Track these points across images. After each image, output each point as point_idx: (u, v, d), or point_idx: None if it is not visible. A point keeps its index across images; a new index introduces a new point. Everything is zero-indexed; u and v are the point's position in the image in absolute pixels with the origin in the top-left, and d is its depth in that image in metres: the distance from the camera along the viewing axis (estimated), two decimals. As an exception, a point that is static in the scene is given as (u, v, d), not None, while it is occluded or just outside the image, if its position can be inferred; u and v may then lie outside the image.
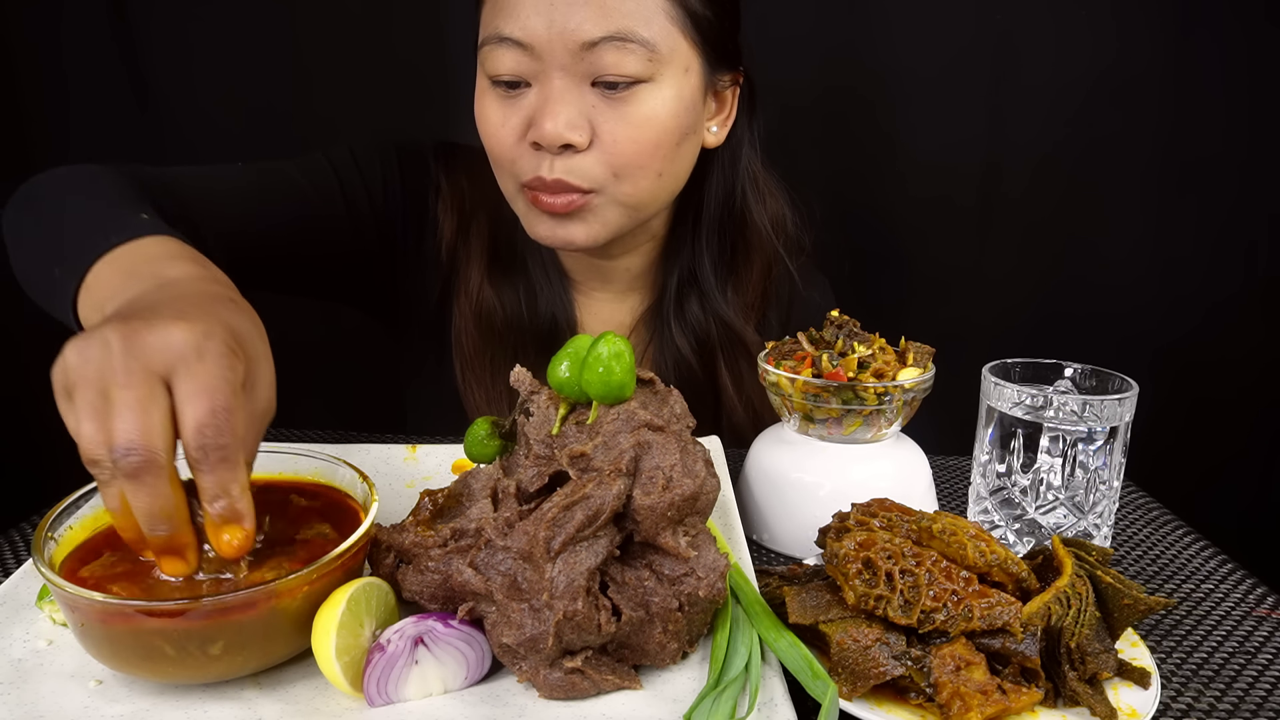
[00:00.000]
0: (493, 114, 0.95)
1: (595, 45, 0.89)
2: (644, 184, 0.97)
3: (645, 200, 0.99)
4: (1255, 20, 1.50)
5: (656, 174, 0.97)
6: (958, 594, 0.61)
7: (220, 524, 0.56)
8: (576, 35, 0.88)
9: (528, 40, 0.90)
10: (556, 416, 0.65)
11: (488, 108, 0.96)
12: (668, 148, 0.96)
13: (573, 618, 0.57)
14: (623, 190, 0.96)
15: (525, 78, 0.93)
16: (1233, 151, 1.56)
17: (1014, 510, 0.81)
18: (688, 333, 1.13)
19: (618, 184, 0.96)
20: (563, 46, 0.89)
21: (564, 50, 0.89)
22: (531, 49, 0.90)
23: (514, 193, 1.00)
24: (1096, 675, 0.61)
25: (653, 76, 0.92)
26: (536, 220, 0.99)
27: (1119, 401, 0.77)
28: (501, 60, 0.92)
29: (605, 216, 0.98)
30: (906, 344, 0.86)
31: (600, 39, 0.89)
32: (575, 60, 0.90)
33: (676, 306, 1.13)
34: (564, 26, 0.88)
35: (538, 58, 0.91)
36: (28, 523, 0.86)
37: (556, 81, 0.91)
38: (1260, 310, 1.62)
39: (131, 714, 0.56)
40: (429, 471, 0.90)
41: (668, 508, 0.60)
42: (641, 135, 0.93)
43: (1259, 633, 0.73)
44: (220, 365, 0.54)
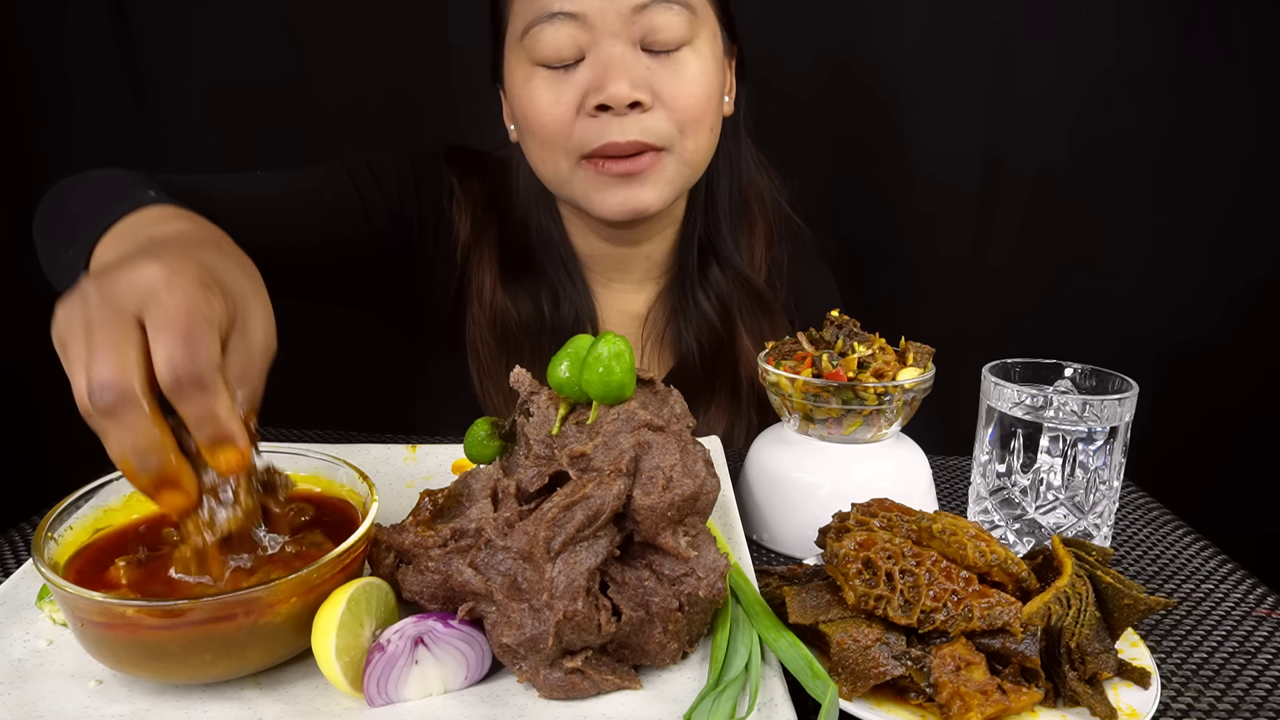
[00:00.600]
0: (544, 93, 0.98)
1: (645, 8, 0.94)
2: (704, 139, 1.03)
3: (703, 157, 1.05)
4: (1259, 22, 1.50)
5: (710, 129, 1.03)
6: (958, 594, 0.61)
7: (212, 448, 0.55)
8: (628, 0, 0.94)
9: (580, 10, 0.94)
10: (556, 416, 0.65)
11: (537, 89, 0.98)
12: (716, 102, 1.03)
13: (573, 618, 0.57)
14: (687, 147, 1.01)
15: (580, 51, 0.96)
16: (1236, 153, 1.56)
17: (1014, 510, 0.81)
18: (712, 298, 1.16)
19: (683, 140, 1.00)
20: (614, 12, 0.94)
21: (615, 16, 0.94)
22: (584, 18, 0.94)
23: (570, 170, 1.01)
24: (1096, 675, 0.61)
25: (693, 38, 0.98)
26: (604, 192, 1.01)
27: (1119, 401, 0.77)
28: (556, 36, 0.95)
29: (670, 175, 1.02)
30: (906, 344, 0.86)
31: (650, 1, 0.94)
32: (626, 25, 0.95)
33: (700, 275, 1.16)
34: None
35: (590, 28, 0.95)
36: (28, 523, 0.86)
37: (613, 48, 0.95)
38: (1263, 312, 1.62)
39: (131, 714, 0.56)
40: (429, 471, 0.90)
41: (668, 508, 0.60)
42: (697, 90, 0.99)
43: (1259, 633, 0.73)
44: (188, 297, 0.53)
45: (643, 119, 0.97)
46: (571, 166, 1.00)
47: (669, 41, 0.97)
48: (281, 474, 0.65)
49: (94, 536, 0.65)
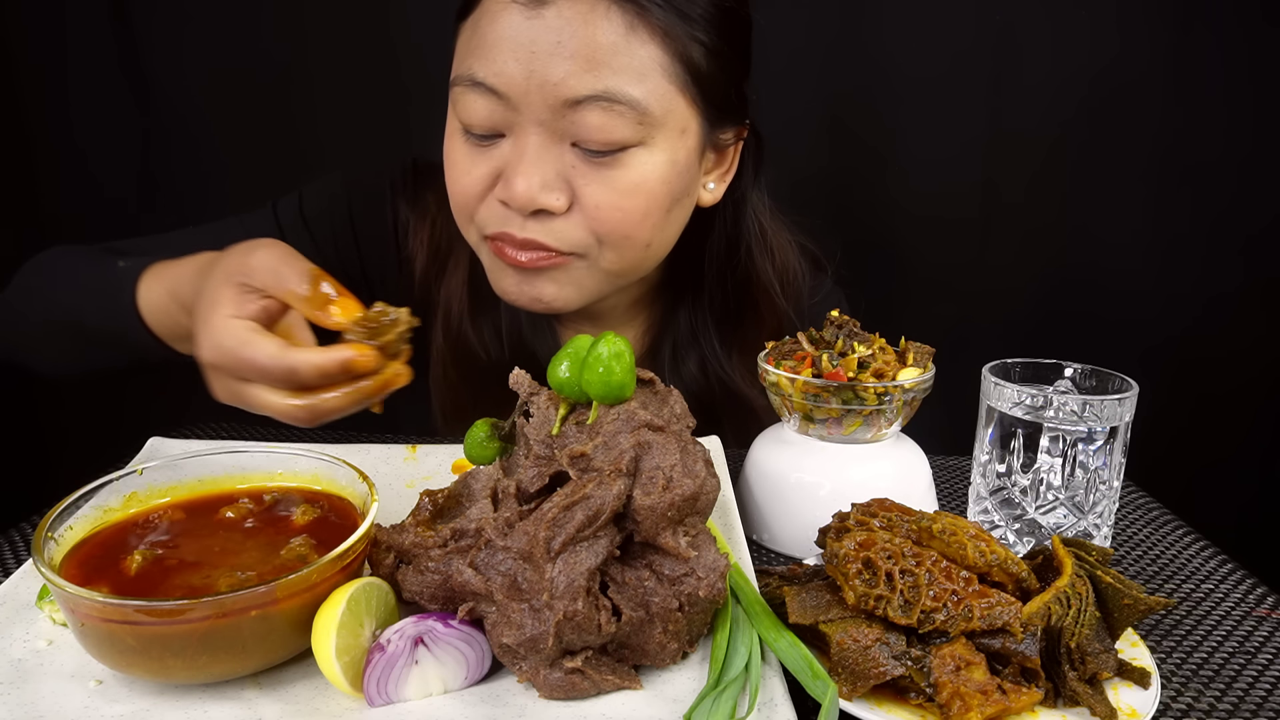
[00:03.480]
0: (460, 158, 0.86)
1: (580, 104, 0.78)
2: (630, 254, 0.88)
3: (630, 269, 0.91)
4: (1254, 20, 1.50)
5: (645, 245, 0.88)
6: (958, 594, 0.61)
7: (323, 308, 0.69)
8: (558, 91, 0.78)
9: (503, 89, 0.80)
10: (556, 417, 0.65)
11: (456, 150, 0.87)
12: (657, 216, 0.86)
13: (573, 618, 0.57)
14: (606, 258, 0.87)
15: (498, 128, 0.83)
16: (1232, 150, 1.56)
17: (1014, 510, 0.81)
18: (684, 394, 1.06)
19: (601, 251, 0.87)
20: (541, 100, 0.79)
21: (543, 105, 0.79)
22: (507, 99, 0.80)
23: (477, 242, 0.91)
24: (1096, 675, 0.61)
25: (644, 140, 0.82)
26: (502, 275, 0.90)
27: (1119, 401, 0.77)
28: (474, 106, 0.82)
29: (580, 280, 0.89)
30: (906, 344, 0.86)
31: (585, 98, 0.78)
32: (555, 116, 0.80)
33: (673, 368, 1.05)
34: (545, 79, 0.78)
35: (513, 108, 0.81)
36: (28, 523, 0.86)
37: (533, 137, 0.81)
38: (1260, 309, 1.62)
39: (131, 714, 0.56)
40: (429, 471, 0.90)
41: (668, 508, 0.60)
42: (628, 204, 0.83)
43: (1259, 633, 0.73)
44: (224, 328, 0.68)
45: (548, 224, 0.84)
46: (478, 240, 0.91)
47: (606, 144, 0.80)
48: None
49: (93, 535, 0.65)
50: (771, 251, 1.03)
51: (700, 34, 0.82)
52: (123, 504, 0.68)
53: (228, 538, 0.66)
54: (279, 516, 0.69)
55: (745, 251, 1.01)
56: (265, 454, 0.73)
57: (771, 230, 1.04)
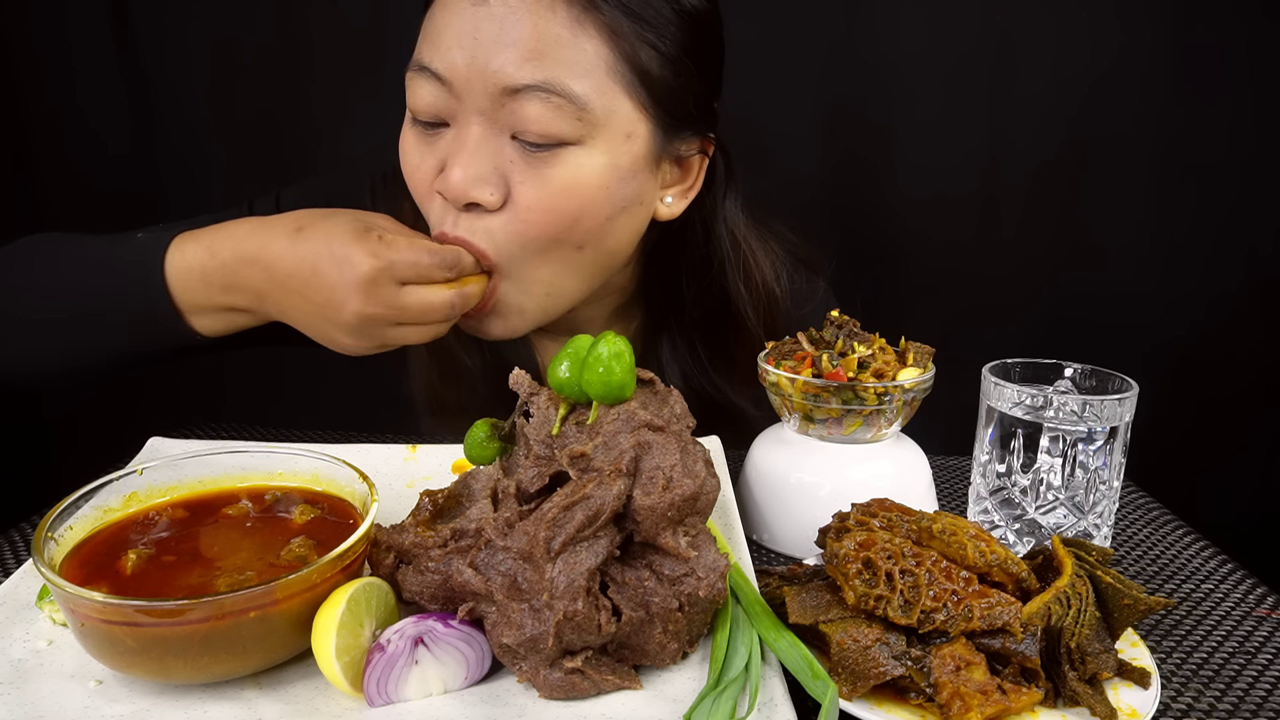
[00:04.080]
0: (411, 150, 0.86)
1: (518, 93, 0.77)
2: (557, 263, 0.85)
3: (562, 285, 0.87)
4: (1255, 20, 1.50)
5: (576, 247, 0.85)
6: (958, 594, 0.61)
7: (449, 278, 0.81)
8: (498, 78, 0.78)
9: (447, 75, 0.79)
10: (556, 417, 0.65)
11: (407, 139, 0.86)
12: (591, 222, 0.83)
13: (573, 618, 0.57)
14: (529, 270, 0.84)
15: (442, 116, 0.82)
16: (1233, 151, 1.56)
17: (1014, 510, 0.81)
18: None
19: (523, 261, 0.84)
20: (482, 88, 0.78)
21: (483, 93, 0.79)
22: (450, 85, 0.80)
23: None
24: (1096, 675, 0.61)
25: (581, 139, 0.80)
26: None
27: (1119, 401, 0.77)
28: (419, 94, 0.82)
29: (520, 306, 0.87)
30: (906, 344, 0.86)
31: (524, 87, 0.77)
32: (495, 106, 0.79)
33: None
34: (485, 65, 0.78)
35: (456, 96, 0.80)
36: (28, 523, 0.86)
37: (473, 127, 0.80)
38: (1261, 310, 1.62)
39: (131, 714, 0.56)
40: (429, 471, 0.90)
41: (668, 508, 0.60)
42: (559, 205, 0.81)
43: (1259, 633, 0.73)
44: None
45: (479, 220, 0.82)
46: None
47: (543, 137, 0.79)
48: None
49: (93, 536, 0.65)
50: (746, 271, 1.00)
51: (653, 37, 0.81)
52: (123, 504, 0.68)
53: (228, 538, 0.66)
54: (279, 517, 0.69)
55: (719, 269, 0.99)
56: (265, 454, 0.73)
57: (748, 249, 1.00)
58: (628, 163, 0.83)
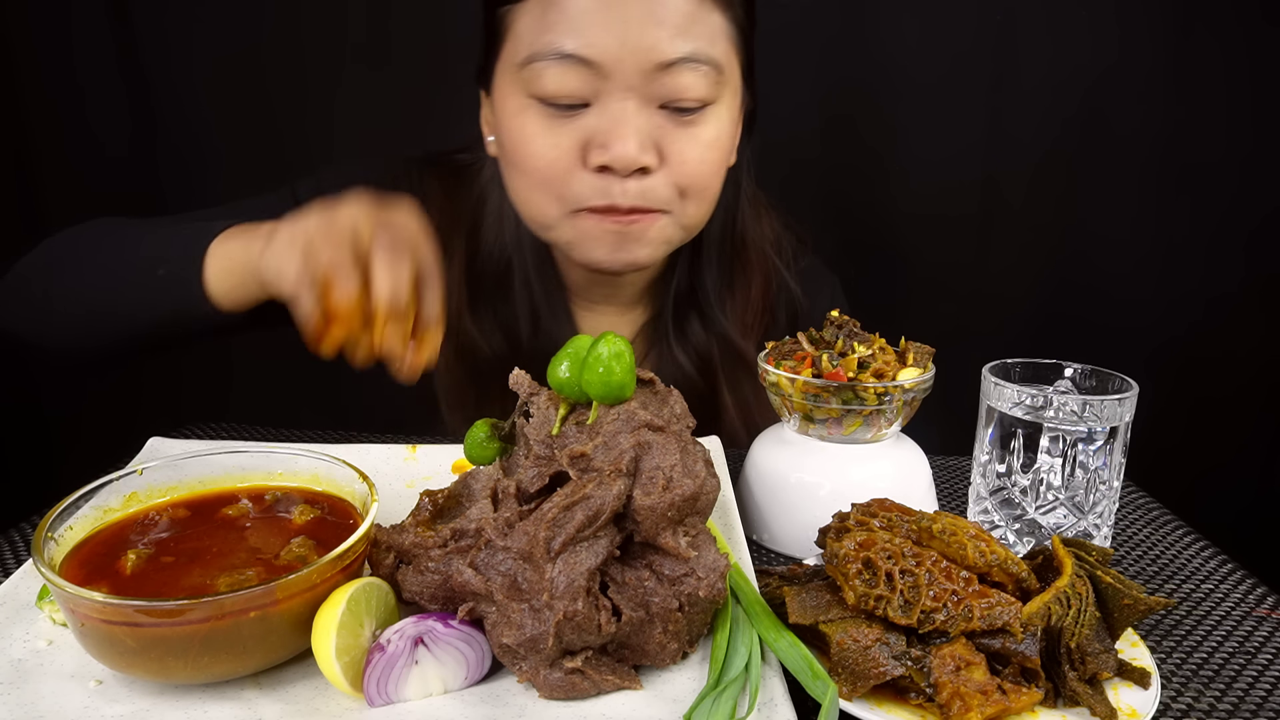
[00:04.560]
0: (540, 135, 0.88)
1: (671, 66, 0.84)
2: (704, 207, 0.96)
3: (700, 221, 0.98)
4: (1254, 20, 1.50)
5: (714, 196, 0.97)
6: (958, 594, 0.61)
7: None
8: (652, 55, 0.84)
9: (595, 58, 0.84)
10: (556, 417, 0.65)
11: (531, 126, 0.89)
12: (723, 168, 0.95)
13: (573, 618, 0.57)
14: (687, 211, 0.94)
15: (586, 96, 0.86)
16: (1232, 151, 1.56)
17: (1014, 510, 0.81)
18: (689, 350, 1.10)
19: (683, 204, 0.93)
20: (634, 66, 0.84)
21: (635, 70, 0.84)
22: (598, 67, 0.84)
23: (559, 218, 0.93)
24: (1096, 675, 0.61)
25: (717, 99, 0.90)
26: (594, 244, 0.93)
27: (1119, 401, 0.77)
28: (562, 78, 0.85)
29: (666, 234, 0.95)
30: (906, 344, 0.86)
31: (677, 60, 0.84)
32: (646, 80, 0.85)
33: (676, 325, 1.10)
34: (639, 44, 0.83)
35: (604, 76, 0.85)
36: (28, 523, 0.86)
37: (627, 103, 0.86)
38: (1261, 309, 1.62)
39: (131, 714, 0.56)
40: (429, 471, 0.90)
41: (668, 508, 0.60)
42: (709, 156, 0.91)
43: (1259, 633, 0.73)
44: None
45: (645, 182, 0.89)
46: (562, 214, 0.92)
47: (695, 101, 0.87)
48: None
49: (93, 536, 0.65)
50: (759, 215, 1.12)
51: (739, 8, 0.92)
52: (123, 504, 0.68)
53: (228, 538, 0.66)
54: (279, 517, 0.69)
55: (740, 214, 1.08)
56: (265, 454, 0.73)
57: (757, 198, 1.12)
58: (736, 115, 0.96)
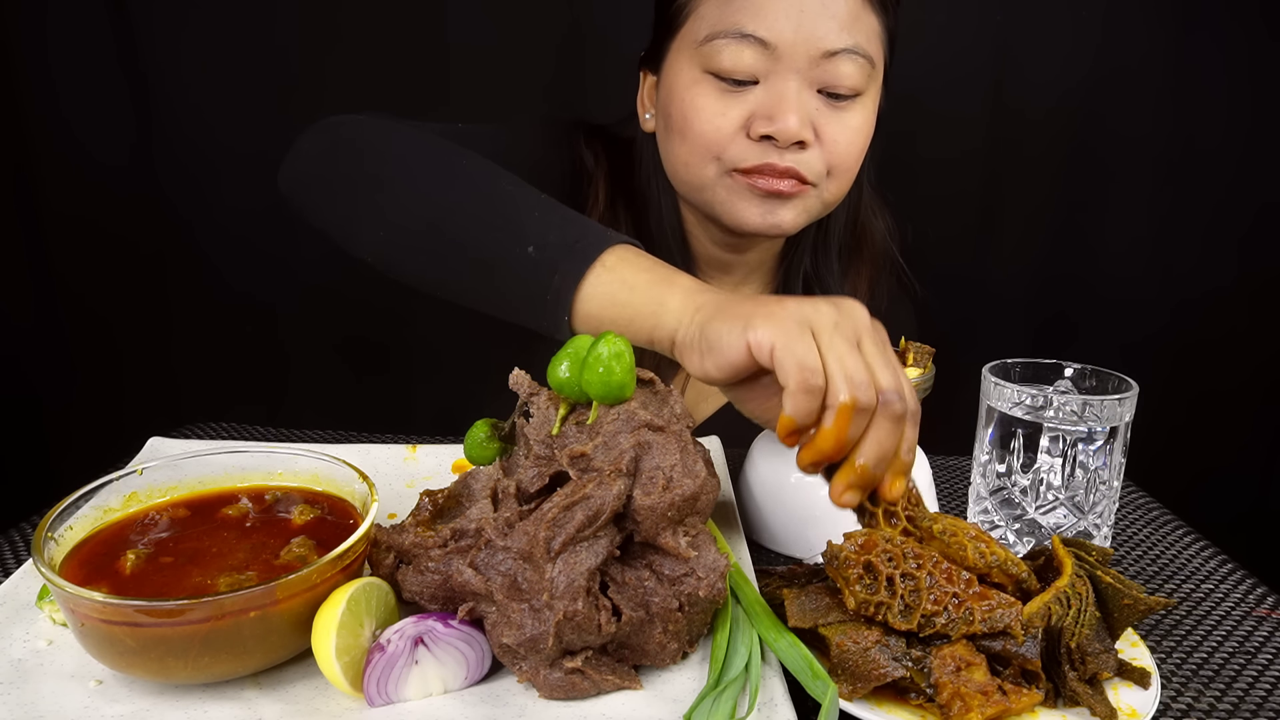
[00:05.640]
0: (711, 103, 0.98)
1: (835, 55, 0.95)
2: (845, 186, 1.05)
3: (836, 200, 1.06)
4: (1255, 24, 1.50)
5: (851, 179, 1.05)
6: (958, 597, 0.60)
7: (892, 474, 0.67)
8: (822, 43, 0.94)
9: (772, 40, 0.94)
10: (556, 417, 0.65)
11: (703, 96, 0.99)
12: (864, 151, 1.05)
13: (573, 618, 0.57)
14: (830, 187, 1.03)
15: (756, 75, 0.97)
16: (1230, 149, 1.56)
17: (1014, 510, 0.81)
18: None
19: (829, 181, 1.02)
20: (805, 52, 0.94)
21: (805, 55, 0.94)
22: (774, 49, 0.94)
23: (715, 178, 1.01)
24: (1096, 675, 0.61)
25: (866, 90, 0.99)
26: (746, 203, 1.00)
27: (1119, 401, 0.77)
28: (739, 55, 0.95)
29: (809, 205, 1.03)
30: (906, 344, 0.86)
31: (841, 50, 0.95)
32: (811, 65, 0.95)
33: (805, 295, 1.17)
34: (811, 33, 0.94)
35: (777, 58, 0.95)
36: (28, 523, 0.86)
37: (791, 82, 0.95)
38: (1260, 308, 1.62)
39: (131, 714, 0.56)
40: (429, 471, 0.90)
41: (668, 508, 0.60)
42: (856, 140, 1.01)
43: (1259, 633, 0.73)
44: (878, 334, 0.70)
45: (800, 155, 0.98)
46: (718, 175, 1.00)
47: (850, 89, 0.98)
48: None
49: (94, 536, 0.65)
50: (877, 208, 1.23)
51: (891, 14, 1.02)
52: (123, 504, 0.68)
53: (228, 538, 0.66)
54: (279, 517, 0.69)
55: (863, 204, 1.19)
56: (265, 454, 0.73)
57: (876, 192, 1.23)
58: (877, 108, 1.05)
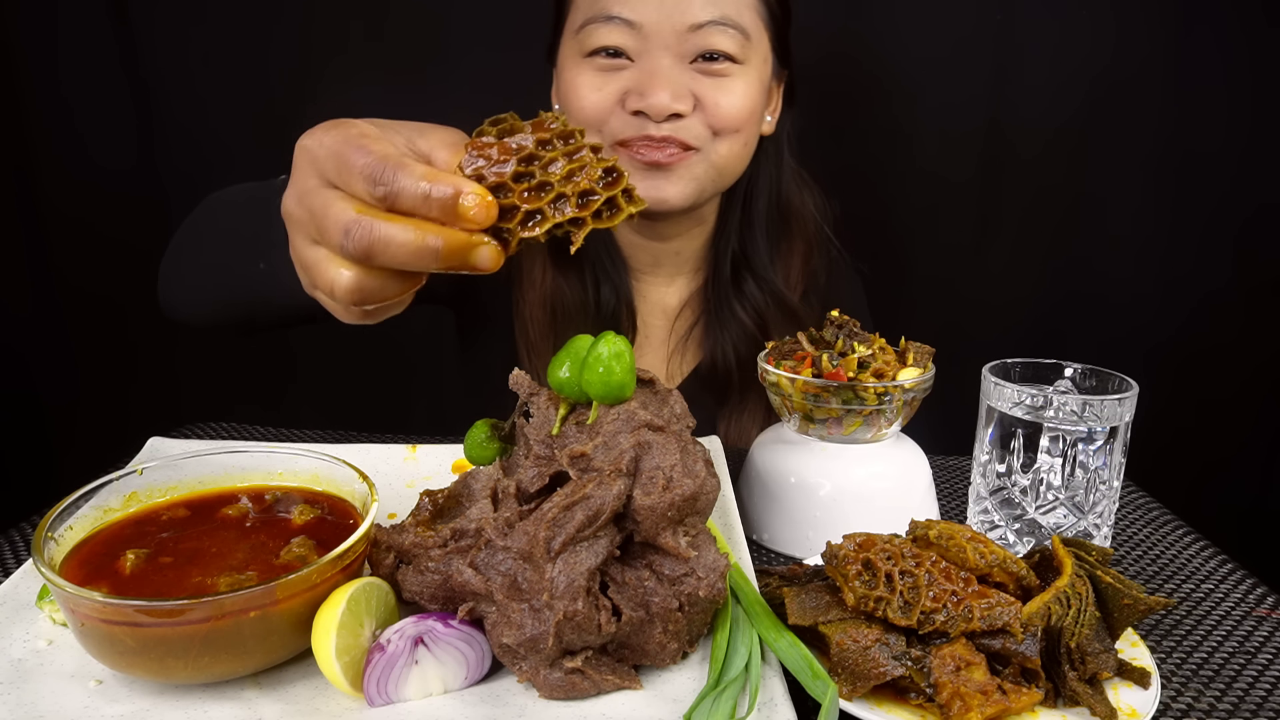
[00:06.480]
0: (588, 81, 1.04)
1: (701, 27, 1.01)
2: (736, 148, 1.08)
3: (733, 165, 1.10)
4: (1255, 23, 1.50)
5: (745, 142, 1.08)
6: (958, 594, 0.60)
7: (449, 215, 0.52)
8: (685, 18, 1.00)
9: (638, 20, 1.00)
10: (556, 417, 0.65)
11: (581, 76, 1.05)
12: (756, 119, 1.09)
13: (573, 618, 0.57)
14: (719, 150, 1.06)
15: (627, 52, 1.02)
16: (1230, 147, 1.56)
17: (1014, 510, 0.81)
18: (748, 309, 1.20)
19: (715, 144, 1.06)
20: (670, 28, 1.00)
21: (671, 31, 1.00)
22: (641, 28, 1.01)
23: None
24: (1096, 675, 0.61)
25: (744, 60, 1.04)
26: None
27: (1119, 401, 0.77)
28: (609, 36, 1.02)
29: (696, 173, 1.06)
30: (906, 344, 0.86)
31: (707, 22, 1.01)
32: (680, 41, 1.01)
33: (735, 287, 1.20)
34: (674, 9, 1.00)
35: (644, 37, 1.01)
36: (28, 523, 0.86)
37: (661, 59, 1.01)
38: (1260, 308, 1.62)
39: (131, 714, 0.56)
40: (429, 471, 0.90)
41: (668, 508, 0.60)
42: (738, 103, 1.04)
43: (1259, 633, 0.73)
44: (340, 140, 0.55)
45: (680, 124, 1.02)
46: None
47: (720, 56, 1.02)
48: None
49: (94, 536, 0.65)
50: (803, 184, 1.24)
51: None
52: (123, 504, 0.68)
53: (228, 538, 0.66)
54: (279, 516, 0.69)
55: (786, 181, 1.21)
56: (265, 454, 0.73)
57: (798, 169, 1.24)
58: (764, 80, 1.09)
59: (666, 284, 1.24)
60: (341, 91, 1.57)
